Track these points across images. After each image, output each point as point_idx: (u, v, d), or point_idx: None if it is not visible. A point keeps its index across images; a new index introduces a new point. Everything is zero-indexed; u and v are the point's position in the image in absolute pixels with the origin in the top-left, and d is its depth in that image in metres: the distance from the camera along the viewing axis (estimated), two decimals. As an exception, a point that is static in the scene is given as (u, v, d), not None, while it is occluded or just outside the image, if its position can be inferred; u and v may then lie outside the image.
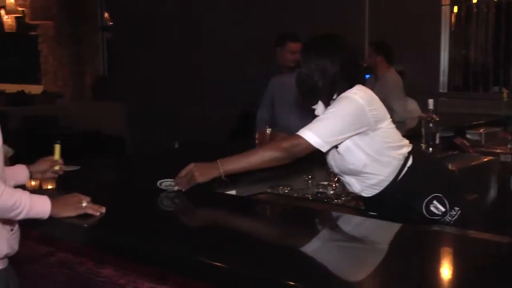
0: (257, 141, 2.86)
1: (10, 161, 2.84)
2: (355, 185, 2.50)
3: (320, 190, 3.04)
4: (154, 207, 2.33)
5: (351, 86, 2.39)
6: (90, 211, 2.06)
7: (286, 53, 4.37)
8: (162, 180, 2.43)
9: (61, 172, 2.45)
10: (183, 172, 2.37)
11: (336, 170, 2.55)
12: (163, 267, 1.87)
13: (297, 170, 3.09)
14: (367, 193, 2.48)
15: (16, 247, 2.03)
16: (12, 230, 1.99)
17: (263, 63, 5.17)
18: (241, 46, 7.27)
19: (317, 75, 2.40)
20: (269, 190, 3.01)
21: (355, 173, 2.45)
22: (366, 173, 2.42)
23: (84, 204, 2.06)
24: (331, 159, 2.51)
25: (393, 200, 2.43)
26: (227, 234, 1.99)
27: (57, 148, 2.42)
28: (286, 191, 3.03)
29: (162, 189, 2.42)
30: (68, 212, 2.02)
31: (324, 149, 2.36)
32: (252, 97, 4.99)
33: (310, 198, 2.97)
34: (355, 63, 2.49)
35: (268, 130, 2.86)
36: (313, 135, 2.31)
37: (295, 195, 3.01)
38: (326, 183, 3.08)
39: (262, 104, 4.49)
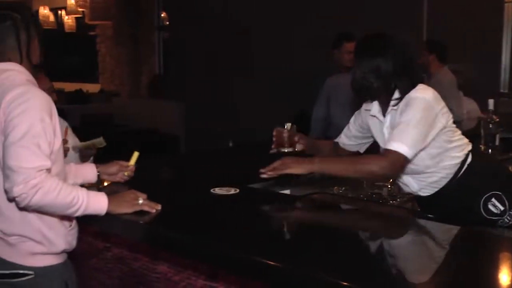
0: (274, 138, 2.69)
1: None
2: (413, 185, 2.45)
3: (375, 190, 3.00)
4: (208, 205, 2.34)
5: (413, 86, 2.34)
6: (146, 208, 2.08)
7: (343, 53, 4.32)
8: (216, 189, 2.43)
9: (127, 178, 2.49)
10: (276, 163, 2.38)
11: None
12: (216, 264, 1.88)
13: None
14: (425, 192, 2.44)
15: (74, 243, 2.08)
16: (70, 226, 2.03)
17: (319, 62, 5.14)
18: (296, 45, 7.25)
19: (371, 76, 2.36)
20: (324, 190, 2.98)
21: (415, 173, 2.40)
22: (426, 172, 2.37)
23: (140, 201, 2.08)
24: None
25: (451, 199, 2.38)
26: (280, 233, 1.98)
27: (135, 155, 2.49)
28: (341, 191, 3.00)
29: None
30: (124, 208, 2.05)
31: None
32: (307, 97, 4.97)
33: (365, 199, 2.93)
34: (411, 61, 2.43)
35: (287, 125, 2.67)
36: (407, 148, 2.23)
37: (350, 195, 2.98)
38: (381, 183, 3.03)
39: (317, 103, 4.47)
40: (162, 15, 10.93)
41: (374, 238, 2.04)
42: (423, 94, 2.30)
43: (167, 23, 10.66)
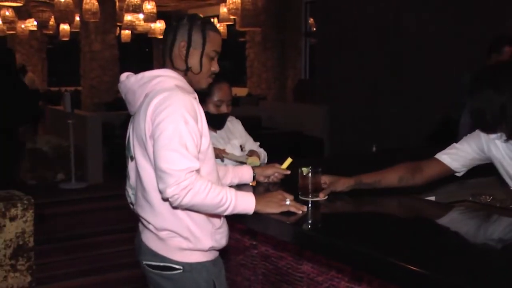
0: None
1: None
2: None
3: (527, 202, 2.86)
4: (353, 208, 2.37)
5: None
6: (293, 209, 2.10)
7: (504, 57, 4.15)
8: None
9: (276, 180, 2.60)
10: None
11: None
12: (359, 267, 1.90)
13: (501, 178, 2.94)
14: None
15: (223, 242, 2.15)
16: (218, 225, 2.10)
17: (469, 66, 4.95)
18: (446, 48, 7.03)
19: (488, 109, 2.22)
20: (470, 198, 2.90)
21: None
22: None
23: (287, 202, 2.12)
24: None
25: None
26: (423, 239, 1.96)
27: (289, 160, 2.59)
28: (488, 200, 2.89)
29: None
30: (272, 209, 2.09)
31: None
32: (454, 101, 4.82)
33: (515, 210, 2.81)
34: None
35: (304, 170, 2.32)
36: None
37: (498, 205, 2.86)
38: (533, 195, 2.88)
39: (466, 109, 4.33)
40: (310, 21, 11.06)
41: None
42: None
43: (314, 29, 10.77)
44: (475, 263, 1.71)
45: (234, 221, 2.24)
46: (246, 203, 2.04)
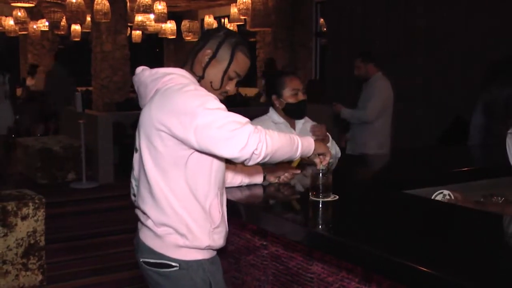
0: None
1: None
2: None
3: (539, 202, 2.84)
4: (368, 208, 2.37)
5: None
6: (328, 157, 2.26)
7: None
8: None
9: (288, 180, 2.62)
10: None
11: None
12: (369, 268, 1.90)
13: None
14: None
15: (220, 242, 2.15)
16: (215, 225, 2.10)
17: (479, 68, 4.94)
18: (457, 48, 7.00)
19: (501, 101, 2.20)
20: (481, 200, 2.89)
21: None
22: None
23: (329, 144, 2.31)
24: None
25: None
26: (434, 240, 1.96)
27: (298, 160, 2.58)
28: (500, 201, 2.88)
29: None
30: (323, 149, 2.23)
31: None
32: (465, 102, 4.80)
33: (528, 211, 2.79)
34: None
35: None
36: None
37: (510, 206, 2.85)
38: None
39: (476, 110, 4.32)
40: (320, 21, 11.05)
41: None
42: None
43: (324, 29, 10.76)
44: (486, 265, 1.71)
45: (245, 221, 2.24)
46: (307, 141, 2.13)
